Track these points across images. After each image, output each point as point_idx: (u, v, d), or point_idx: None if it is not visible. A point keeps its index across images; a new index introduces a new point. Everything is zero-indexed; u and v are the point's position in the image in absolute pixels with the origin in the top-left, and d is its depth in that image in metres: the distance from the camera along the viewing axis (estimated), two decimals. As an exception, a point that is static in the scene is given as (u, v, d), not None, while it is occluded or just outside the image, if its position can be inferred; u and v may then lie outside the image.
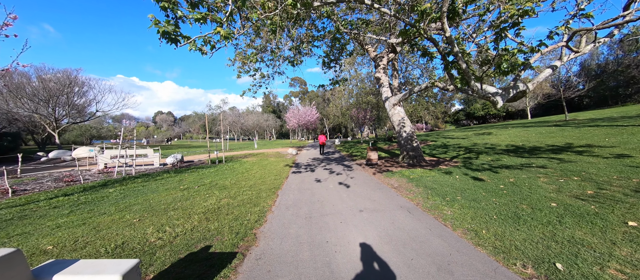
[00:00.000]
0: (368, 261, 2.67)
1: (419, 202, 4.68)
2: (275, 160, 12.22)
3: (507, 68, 4.07)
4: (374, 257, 2.76)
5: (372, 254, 2.81)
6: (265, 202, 4.80)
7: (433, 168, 7.89)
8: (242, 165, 10.22)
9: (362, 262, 2.65)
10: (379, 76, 10.87)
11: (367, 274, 2.44)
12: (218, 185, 6.48)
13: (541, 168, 6.44)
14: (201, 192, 5.70)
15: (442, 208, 4.26)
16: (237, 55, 9.50)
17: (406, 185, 6.08)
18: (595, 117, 19.81)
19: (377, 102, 28.99)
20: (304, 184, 6.60)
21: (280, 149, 19.90)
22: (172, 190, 6.02)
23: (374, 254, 2.81)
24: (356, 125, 34.41)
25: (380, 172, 8.02)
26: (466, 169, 7.23)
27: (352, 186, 6.17)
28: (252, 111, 75.85)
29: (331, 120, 50.45)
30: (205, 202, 4.82)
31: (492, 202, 4.36)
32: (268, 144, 35.74)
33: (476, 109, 53.02)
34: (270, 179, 7.12)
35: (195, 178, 7.56)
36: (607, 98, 35.44)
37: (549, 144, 9.74)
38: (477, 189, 5.16)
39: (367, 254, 2.83)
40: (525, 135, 13.10)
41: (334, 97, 43.08)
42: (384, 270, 2.49)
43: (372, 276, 2.42)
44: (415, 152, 9.11)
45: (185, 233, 3.35)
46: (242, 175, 7.93)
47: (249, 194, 5.45)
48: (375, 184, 6.42)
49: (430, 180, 6.28)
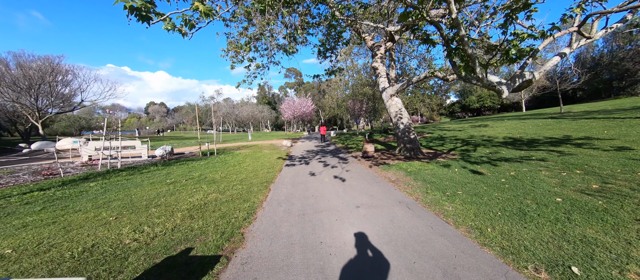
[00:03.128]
0: (366, 265, 2.41)
1: (418, 197, 4.45)
2: (269, 152, 11.89)
3: (515, 54, 3.78)
4: (373, 260, 2.50)
5: (371, 257, 2.56)
6: (256, 198, 4.51)
7: (431, 161, 7.68)
8: (234, 158, 9.87)
9: (360, 267, 2.39)
10: (376, 66, 10.51)
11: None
12: (207, 178, 6.15)
13: (541, 161, 6.28)
14: (188, 186, 5.37)
15: (442, 203, 4.03)
16: (230, 45, 9.01)
17: (404, 178, 5.86)
18: (590, 109, 19.89)
19: (374, 93, 28.65)
20: (297, 177, 6.32)
21: (275, 141, 19.53)
22: (158, 184, 5.68)
23: (372, 257, 2.56)
24: (352, 117, 34.12)
25: (377, 165, 7.78)
26: (465, 162, 7.04)
27: (348, 180, 5.91)
28: (247, 102, 74.72)
29: (327, 111, 50.02)
30: (191, 197, 4.51)
31: (495, 197, 4.15)
32: (263, 135, 35.23)
33: (471, 102, 53.16)
34: (263, 173, 6.81)
35: (184, 171, 7.21)
36: (601, 91, 35.77)
37: (547, 136, 9.63)
38: (477, 183, 4.96)
39: (365, 256, 2.57)
40: (521, 128, 13.01)
41: (330, 88, 42.54)
42: (384, 277, 2.24)
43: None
44: (413, 144, 8.89)
45: (165, 233, 3.04)
46: (233, 168, 7.60)
47: (239, 188, 5.15)
48: (372, 177, 6.18)
49: (428, 173, 6.06)
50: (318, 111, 57.30)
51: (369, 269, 2.35)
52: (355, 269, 2.36)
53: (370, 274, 2.28)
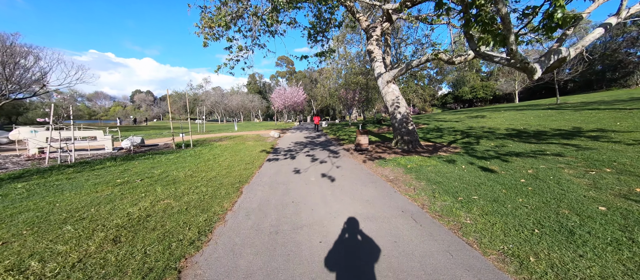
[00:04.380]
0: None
1: (424, 203, 3.56)
2: (253, 144, 10.82)
3: (558, 20, 2.82)
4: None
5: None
6: (219, 206, 3.51)
7: (431, 155, 6.83)
8: (211, 151, 8.77)
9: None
10: (372, 49, 9.46)
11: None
12: (168, 178, 5.09)
13: (558, 156, 5.50)
14: (138, 189, 4.31)
15: (457, 213, 3.15)
16: (203, 18, 7.77)
17: (404, 177, 4.97)
18: (586, 100, 19.53)
19: (367, 82, 27.59)
20: (279, 175, 5.34)
21: (262, 132, 18.38)
22: (103, 185, 4.59)
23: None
24: (344, 107, 33.14)
25: (372, 159, 6.88)
26: (470, 157, 6.21)
27: (338, 179, 4.97)
28: (237, 91, 72.36)
29: (319, 101, 48.79)
30: (133, 206, 3.47)
31: (520, 204, 3.30)
32: (251, 125, 33.85)
33: (464, 92, 52.85)
34: (238, 169, 5.80)
35: (145, 167, 6.10)
36: (593, 82, 35.86)
37: (554, 128, 8.93)
38: (492, 184, 4.11)
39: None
40: (522, 119, 12.34)
41: (322, 77, 41.20)
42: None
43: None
44: (411, 136, 8.01)
45: (60, 272, 2.03)
46: (205, 164, 6.54)
47: (202, 191, 4.13)
48: (367, 175, 5.26)
49: (431, 170, 5.19)
50: (310, 101, 55.96)
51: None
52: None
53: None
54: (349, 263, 2.20)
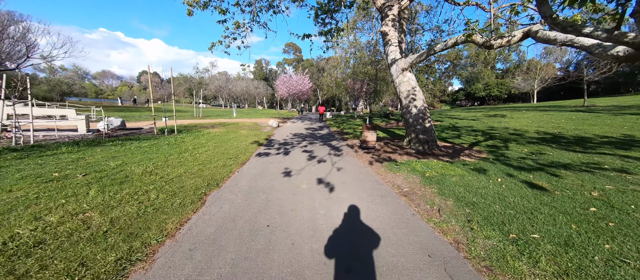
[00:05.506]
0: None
1: (459, 240, 2.41)
2: (247, 133, 9.71)
3: None
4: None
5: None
6: (158, 228, 2.41)
7: (453, 160, 5.62)
8: (195, 139, 7.69)
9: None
10: (386, 30, 8.10)
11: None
12: (120, 174, 4.01)
13: (624, 173, 4.25)
14: (69, 189, 3.25)
15: (515, 266, 2.01)
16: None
17: (422, 189, 3.81)
18: (619, 104, 17.76)
19: (376, 73, 26.02)
20: (262, 178, 4.23)
21: (261, 120, 17.26)
22: (30, 180, 3.54)
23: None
24: (351, 98, 31.70)
25: (380, 160, 5.71)
26: (504, 165, 4.99)
27: (337, 188, 3.83)
28: (243, 77, 71.09)
29: (325, 91, 47.26)
30: (33, 221, 2.39)
31: (610, 254, 2.13)
32: (252, 113, 32.72)
33: (477, 89, 50.54)
34: (215, 166, 4.71)
35: (104, 157, 5.04)
36: (620, 85, 33.41)
37: (599, 135, 7.57)
38: (550, 212, 2.92)
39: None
40: (552, 121, 10.92)
41: (329, 65, 39.55)
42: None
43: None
44: (427, 135, 6.77)
45: None
46: (178, 156, 5.46)
47: (149, 199, 3.05)
48: (374, 184, 4.10)
49: (458, 182, 4.01)
50: (316, 90, 54.45)
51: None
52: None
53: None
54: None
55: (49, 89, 53.43)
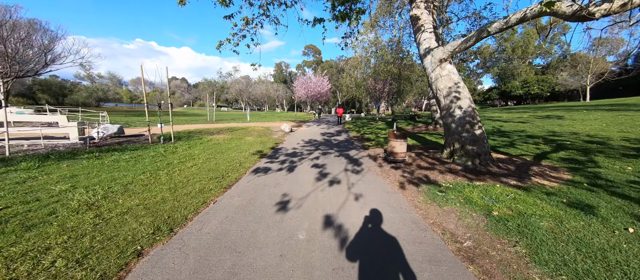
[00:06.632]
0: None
1: None
2: (252, 140, 8.54)
3: None
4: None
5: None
6: None
7: (522, 182, 3.91)
8: (189, 149, 6.64)
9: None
10: (418, 14, 6.51)
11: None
12: (46, 208, 2.92)
13: None
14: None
15: None
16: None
17: (494, 245, 2.27)
18: None
19: (399, 72, 23.98)
20: (245, 215, 2.92)
21: (274, 124, 16.17)
22: None
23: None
24: (372, 99, 29.80)
25: (414, 181, 4.16)
26: (614, 196, 3.22)
27: (354, 239, 2.40)
28: (264, 81, 71.74)
29: (344, 92, 45.62)
30: None
31: None
32: (269, 115, 31.97)
33: (514, 87, 45.70)
34: (189, 192, 3.49)
35: (58, 177, 4.03)
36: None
37: None
38: None
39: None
40: (636, 123, 8.47)
41: (349, 66, 37.90)
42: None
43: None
44: (478, 146, 5.06)
45: None
46: (153, 174, 4.34)
47: (45, 262, 1.84)
48: (412, 231, 2.60)
49: (556, 233, 2.38)
50: (335, 92, 53.01)
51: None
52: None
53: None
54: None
55: (87, 95, 57.55)
